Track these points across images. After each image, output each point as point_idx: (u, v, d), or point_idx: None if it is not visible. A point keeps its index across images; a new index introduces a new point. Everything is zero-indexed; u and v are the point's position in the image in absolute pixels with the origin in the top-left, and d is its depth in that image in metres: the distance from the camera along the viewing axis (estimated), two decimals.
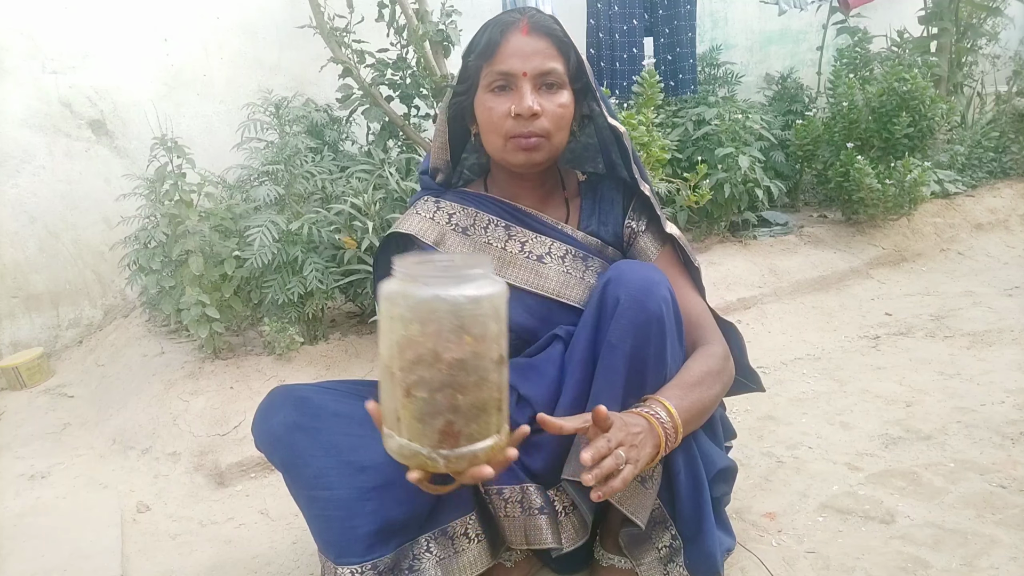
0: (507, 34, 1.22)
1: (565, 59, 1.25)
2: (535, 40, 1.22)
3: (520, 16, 1.24)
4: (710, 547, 1.25)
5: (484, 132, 1.29)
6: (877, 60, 3.95)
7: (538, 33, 1.23)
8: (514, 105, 1.22)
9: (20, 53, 2.72)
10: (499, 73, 1.22)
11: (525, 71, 1.21)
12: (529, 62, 1.21)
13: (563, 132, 1.28)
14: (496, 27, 1.24)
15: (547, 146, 1.26)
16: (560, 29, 1.25)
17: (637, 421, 1.08)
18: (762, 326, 2.77)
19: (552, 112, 1.24)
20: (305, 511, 1.22)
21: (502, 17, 1.26)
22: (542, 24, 1.24)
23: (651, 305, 1.13)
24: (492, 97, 1.24)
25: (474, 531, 1.24)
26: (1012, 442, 1.81)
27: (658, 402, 1.12)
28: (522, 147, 1.25)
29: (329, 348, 2.48)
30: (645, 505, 1.19)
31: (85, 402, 2.52)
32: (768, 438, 1.96)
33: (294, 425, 1.19)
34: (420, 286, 0.84)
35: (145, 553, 1.71)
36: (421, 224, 1.34)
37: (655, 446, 1.07)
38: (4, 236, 2.81)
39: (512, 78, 1.22)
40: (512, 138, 1.24)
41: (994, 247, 3.49)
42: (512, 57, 1.22)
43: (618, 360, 1.14)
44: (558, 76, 1.24)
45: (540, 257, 1.33)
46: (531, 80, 1.22)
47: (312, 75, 2.98)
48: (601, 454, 0.98)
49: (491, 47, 1.23)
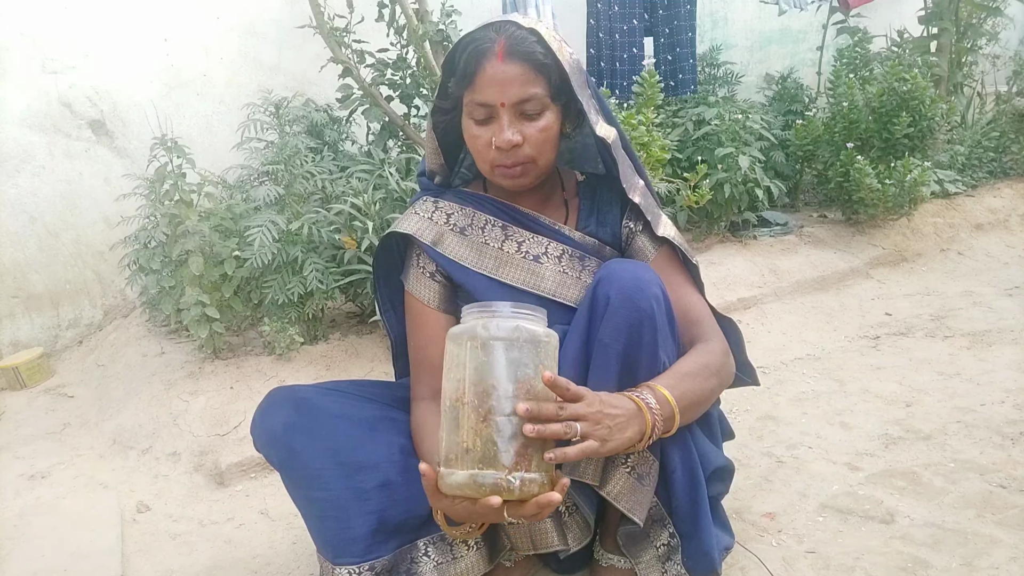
0: (482, 62, 1.19)
1: (546, 79, 1.21)
2: (511, 66, 1.18)
3: (496, 37, 1.19)
4: (707, 545, 1.25)
5: (472, 155, 1.30)
6: (877, 60, 3.95)
7: (514, 59, 1.18)
8: (494, 137, 1.21)
9: (20, 53, 2.72)
10: (478, 104, 1.21)
11: (503, 101, 1.19)
12: (506, 92, 1.18)
13: (548, 152, 1.26)
14: (472, 53, 1.20)
15: (533, 169, 1.26)
16: (539, 47, 1.19)
17: (620, 403, 1.06)
18: (762, 326, 2.77)
19: (534, 137, 1.22)
20: (304, 512, 1.22)
21: (478, 39, 1.20)
22: (518, 49, 1.18)
23: (642, 303, 1.13)
24: (474, 126, 1.24)
25: (472, 538, 1.24)
26: (1012, 442, 1.81)
27: (650, 388, 1.12)
28: (507, 176, 1.26)
29: (329, 348, 2.48)
30: (643, 503, 1.19)
31: (85, 402, 2.52)
32: (768, 438, 1.96)
33: (293, 426, 1.19)
34: (504, 318, 0.97)
35: (145, 553, 1.71)
36: (419, 224, 1.35)
37: (639, 431, 1.07)
38: (4, 236, 2.81)
39: (491, 108, 1.20)
40: (497, 167, 1.25)
41: (994, 247, 3.49)
42: (489, 87, 1.19)
43: (610, 359, 1.14)
44: (538, 100, 1.20)
45: (537, 257, 1.33)
46: (509, 110, 1.20)
47: (312, 75, 2.98)
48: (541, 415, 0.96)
49: (468, 76, 1.20)
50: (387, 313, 1.47)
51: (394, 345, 1.49)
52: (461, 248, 1.33)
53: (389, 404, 1.34)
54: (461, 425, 0.95)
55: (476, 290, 1.32)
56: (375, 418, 1.28)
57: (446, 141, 1.37)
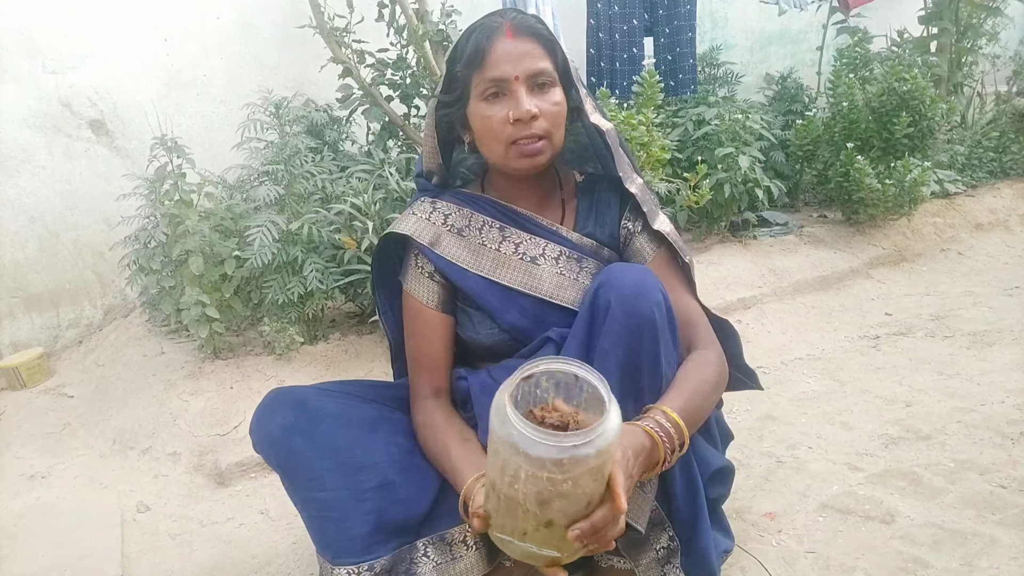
0: (493, 40, 1.21)
1: (553, 57, 1.25)
2: (522, 42, 1.21)
3: (502, 19, 1.23)
4: (705, 549, 1.24)
5: (483, 141, 1.28)
6: (877, 60, 3.95)
7: (523, 34, 1.22)
8: (512, 111, 1.21)
9: (20, 53, 2.72)
10: (491, 80, 1.22)
11: (517, 75, 1.21)
12: (520, 65, 1.21)
13: (561, 129, 1.28)
14: (481, 33, 1.22)
15: (549, 147, 1.26)
16: (544, 27, 1.25)
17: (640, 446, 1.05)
18: (762, 326, 2.76)
19: (549, 111, 1.24)
20: (303, 512, 1.22)
21: (484, 22, 1.24)
22: (526, 25, 1.23)
23: (643, 309, 1.12)
24: (487, 106, 1.24)
25: (472, 539, 1.24)
26: (1012, 442, 1.81)
27: (664, 413, 1.11)
28: (525, 153, 1.25)
29: (329, 348, 2.48)
30: (644, 510, 1.18)
31: (85, 402, 2.52)
32: (768, 438, 1.96)
33: (292, 427, 1.19)
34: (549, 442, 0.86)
35: (145, 553, 1.71)
36: (417, 225, 1.35)
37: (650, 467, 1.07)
38: (4, 236, 2.81)
39: (505, 84, 1.21)
40: (514, 144, 1.24)
41: (994, 247, 3.49)
42: (502, 62, 1.21)
43: (611, 366, 1.12)
44: (549, 75, 1.24)
45: (534, 258, 1.33)
46: (524, 83, 1.21)
47: (312, 75, 2.98)
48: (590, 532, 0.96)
49: (479, 54, 1.22)
50: (386, 315, 1.47)
51: (393, 346, 1.49)
52: (458, 249, 1.34)
53: (388, 404, 1.34)
54: (516, 516, 0.94)
55: (474, 292, 1.32)
56: (374, 418, 1.28)
57: (446, 138, 1.37)
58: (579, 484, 0.89)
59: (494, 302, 1.31)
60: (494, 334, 1.33)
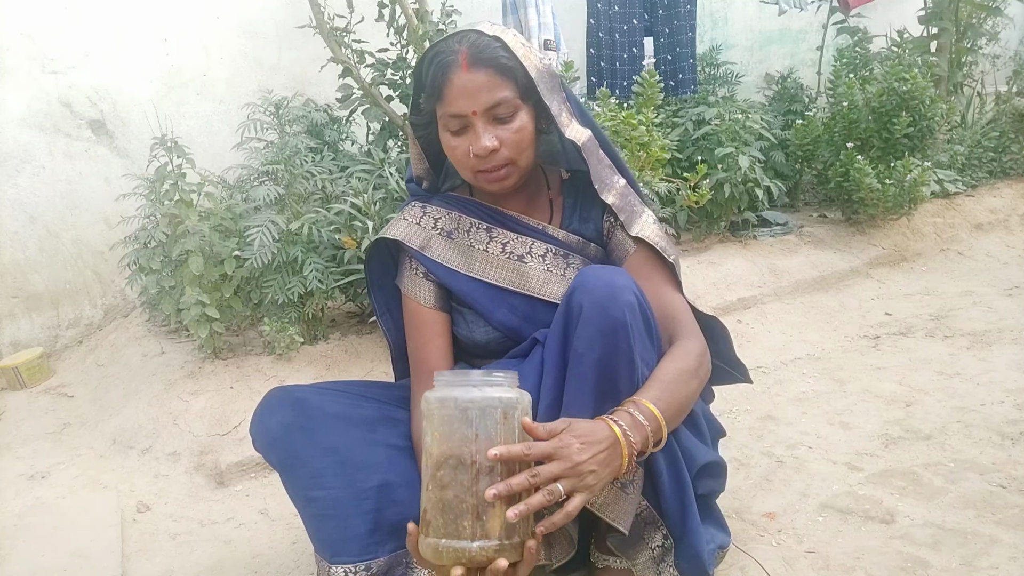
0: (448, 74, 1.21)
1: (512, 80, 1.22)
2: (477, 74, 1.20)
3: (458, 48, 1.21)
4: (696, 546, 1.23)
5: (454, 165, 1.31)
6: (877, 60, 3.95)
7: (479, 67, 1.20)
8: (471, 146, 1.23)
9: (20, 53, 2.72)
10: (450, 116, 1.23)
11: (475, 110, 1.21)
12: (477, 100, 1.20)
13: (527, 151, 1.28)
14: (437, 68, 1.22)
15: (515, 171, 1.28)
16: (502, 51, 1.21)
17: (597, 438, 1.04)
18: (762, 326, 2.76)
19: (510, 140, 1.24)
20: (302, 511, 1.22)
21: (441, 50, 1.22)
22: (481, 56, 1.20)
23: (614, 311, 1.11)
24: (451, 137, 1.26)
25: None
26: (1012, 442, 1.81)
27: (636, 403, 1.10)
28: (490, 180, 1.27)
29: (329, 348, 2.48)
30: (627, 511, 1.17)
31: (85, 402, 2.52)
32: (768, 438, 1.96)
33: (292, 426, 1.19)
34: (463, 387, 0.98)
35: (145, 553, 1.71)
36: (407, 229, 1.37)
37: (617, 466, 1.05)
38: (4, 236, 2.81)
39: (464, 119, 1.22)
40: (479, 172, 1.26)
41: (994, 247, 3.49)
42: (459, 98, 1.20)
43: (586, 369, 1.12)
44: (508, 103, 1.22)
45: (521, 257, 1.35)
46: (482, 117, 1.21)
47: (312, 75, 2.98)
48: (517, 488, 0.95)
49: (436, 90, 1.22)
50: (383, 317, 1.48)
51: (393, 348, 1.50)
52: (448, 251, 1.36)
53: (388, 403, 1.34)
54: (450, 507, 0.95)
55: (463, 292, 1.34)
56: (374, 418, 1.28)
57: (430, 151, 1.39)
58: (491, 438, 0.96)
59: (484, 301, 1.33)
60: (488, 332, 1.35)
